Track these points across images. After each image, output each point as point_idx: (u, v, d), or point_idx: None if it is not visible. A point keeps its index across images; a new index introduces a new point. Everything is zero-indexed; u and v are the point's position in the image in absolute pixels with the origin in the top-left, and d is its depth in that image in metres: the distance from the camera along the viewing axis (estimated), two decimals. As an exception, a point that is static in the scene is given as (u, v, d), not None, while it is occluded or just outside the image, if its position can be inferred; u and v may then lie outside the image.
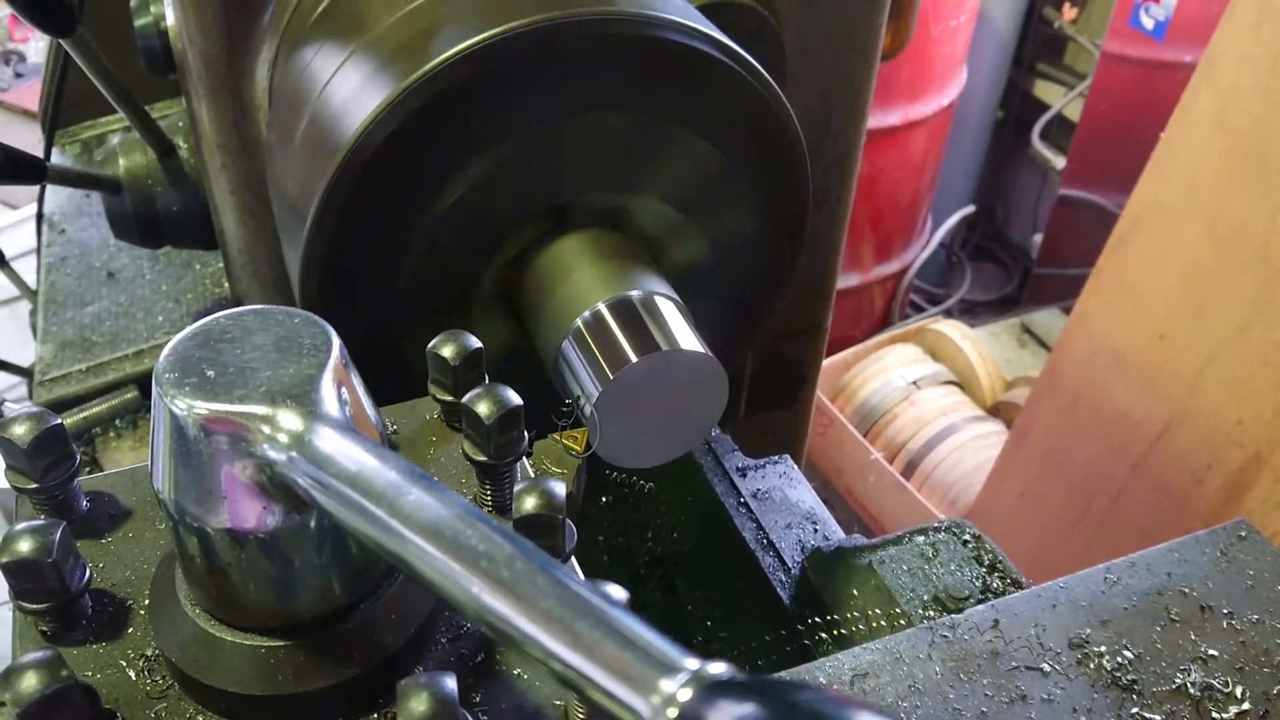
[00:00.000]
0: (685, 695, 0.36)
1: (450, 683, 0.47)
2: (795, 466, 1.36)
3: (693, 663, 0.37)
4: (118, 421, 1.63)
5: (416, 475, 0.45)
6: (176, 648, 0.54)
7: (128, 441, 1.61)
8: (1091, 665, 0.86)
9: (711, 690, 0.35)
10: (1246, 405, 2.13)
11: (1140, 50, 3.57)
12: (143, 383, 1.65)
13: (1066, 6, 4.14)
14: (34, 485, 0.60)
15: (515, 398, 0.62)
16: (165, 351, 0.51)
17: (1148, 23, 3.41)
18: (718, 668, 0.36)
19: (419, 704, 0.46)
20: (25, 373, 1.97)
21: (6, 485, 2.07)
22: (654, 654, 0.38)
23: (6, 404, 1.98)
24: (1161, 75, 3.52)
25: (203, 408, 0.48)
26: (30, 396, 1.84)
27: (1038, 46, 4.34)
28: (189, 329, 0.52)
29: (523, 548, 0.42)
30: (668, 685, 0.36)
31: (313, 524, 0.52)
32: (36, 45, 5.48)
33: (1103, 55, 3.71)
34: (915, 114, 3.68)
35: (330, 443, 0.47)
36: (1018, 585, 1.10)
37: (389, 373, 0.95)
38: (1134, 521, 2.44)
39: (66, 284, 1.87)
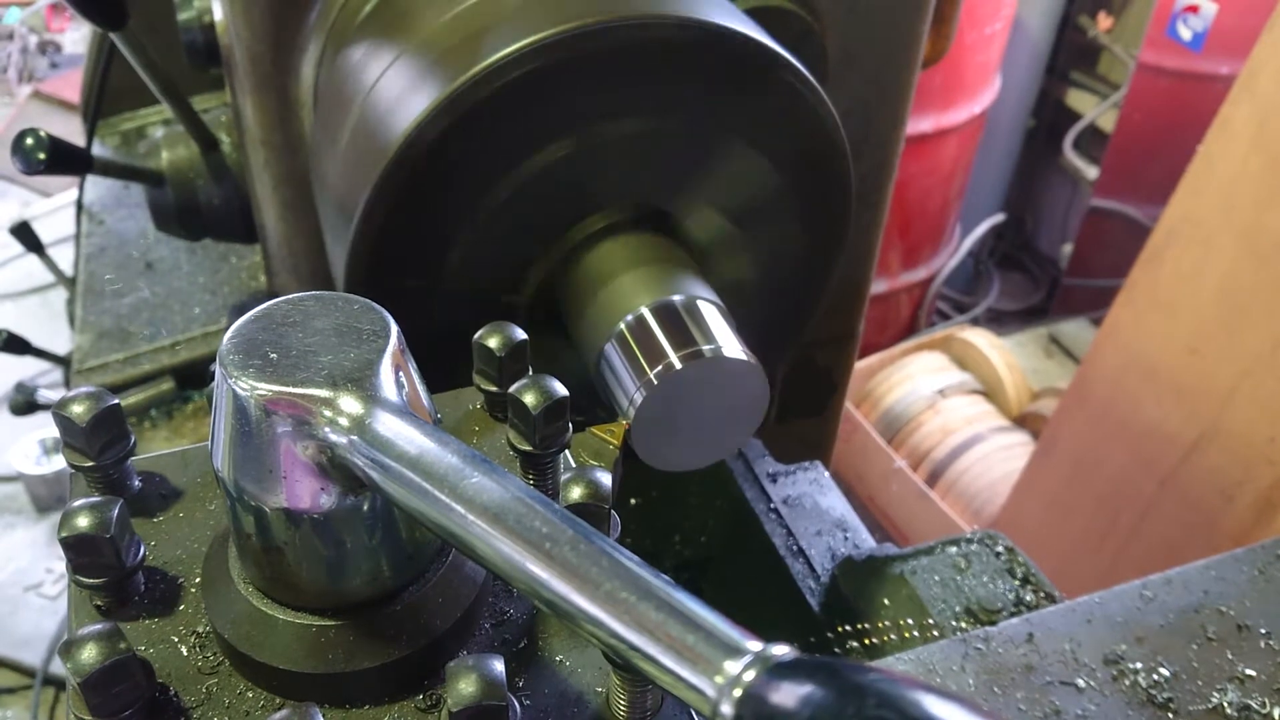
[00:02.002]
0: (750, 676, 0.36)
1: (498, 665, 0.48)
2: (826, 473, 1.36)
3: (756, 644, 0.38)
4: (153, 412, 1.65)
5: (477, 459, 0.46)
6: (229, 624, 0.55)
7: (162, 432, 1.63)
8: (1127, 682, 0.86)
9: (776, 671, 0.36)
10: (1279, 423, 2.11)
11: (1177, 61, 3.53)
12: (179, 374, 1.67)
13: (1102, 15, 4.10)
14: (90, 463, 0.61)
15: (561, 388, 0.62)
16: (229, 334, 0.52)
17: (1185, 34, 3.38)
18: (781, 649, 0.37)
19: (468, 685, 0.47)
20: (63, 361, 1.99)
21: (33, 472, 2.11)
22: (718, 636, 0.38)
23: (41, 391, 2.01)
24: (1198, 87, 3.49)
25: (265, 389, 0.49)
26: (67, 385, 1.86)
27: (1071, 55, 4.31)
28: (251, 312, 0.53)
29: (584, 531, 0.43)
30: (732, 666, 0.37)
31: (366, 507, 0.52)
32: (72, 36, 5.55)
33: (1139, 66, 3.68)
34: (947, 121, 3.67)
35: (390, 426, 0.48)
36: (1051, 599, 1.10)
37: (431, 370, 0.96)
38: (1162, 537, 2.42)
39: (105, 274, 1.89)
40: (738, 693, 0.36)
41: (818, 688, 0.33)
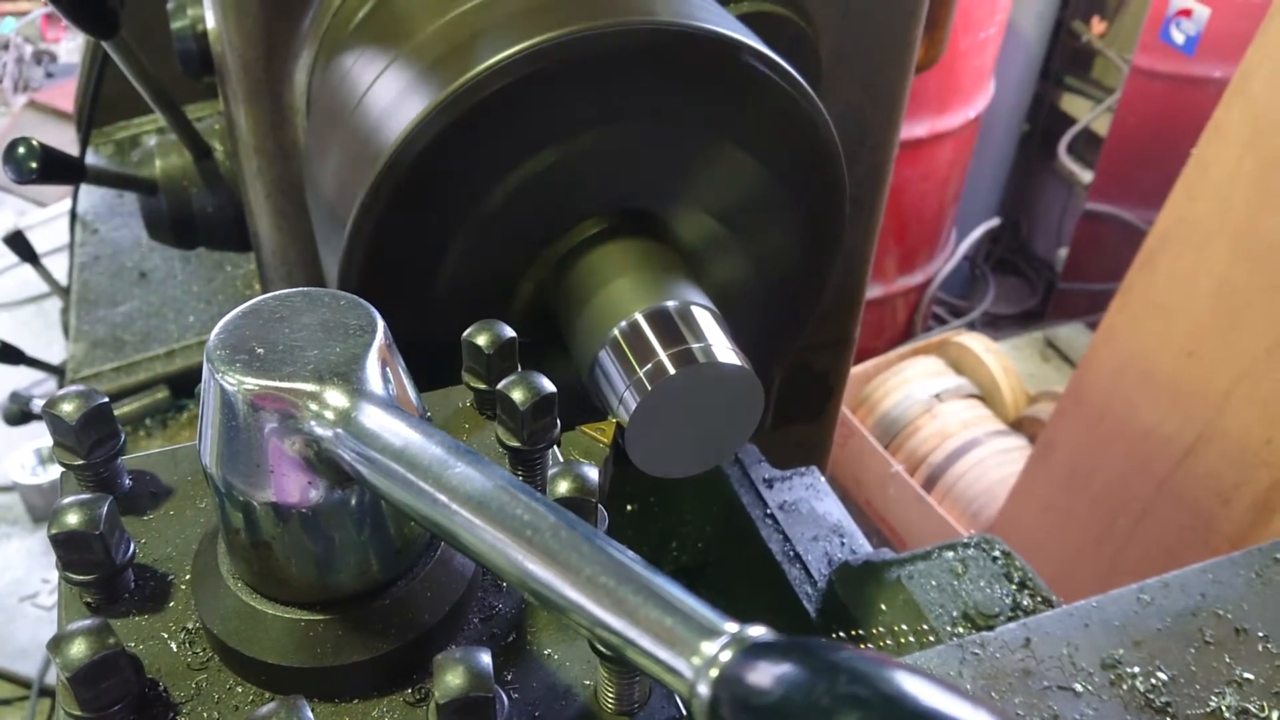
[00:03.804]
0: (726, 656, 0.37)
1: (485, 658, 0.48)
2: (822, 478, 1.36)
3: (733, 626, 0.38)
4: (148, 420, 1.65)
5: (461, 450, 0.47)
6: (218, 620, 0.55)
7: (157, 441, 1.63)
8: (1124, 686, 0.86)
9: (752, 651, 0.36)
10: (1276, 425, 2.11)
11: (1170, 65, 3.55)
12: (173, 382, 1.67)
13: (1095, 20, 4.12)
14: (80, 462, 0.61)
15: (549, 385, 0.63)
16: (216, 329, 0.52)
17: (1178, 37, 3.39)
18: (757, 630, 0.38)
19: (455, 677, 0.48)
20: (56, 370, 1.99)
21: (29, 481, 2.12)
22: (695, 618, 0.39)
23: (36, 401, 2.00)
24: (1192, 91, 3.50)
25: (252, 384, 0.50)
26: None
27: (1065, 60, 4.33)
28: (239, 309, 0.54)
29: (565, 518, 0.43)
30: (709, 647, 0.38)
31: (354, 501, 0.53)
32: (67, 45, 5.56)
33: (1132, 70, 3.69)
34: (942, 126, 3.68)
35: (376, 419, 0.48)
36: (1048, 603, 1.09)
37: (423, 374, 0.96)
38: (1159, 541, 2.42)
39: (99, 283, 1.90)
40: (714, 673, 0.37)
41: (792, 666, 0.34)
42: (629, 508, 1.42)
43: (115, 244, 2.00)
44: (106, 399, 0.60)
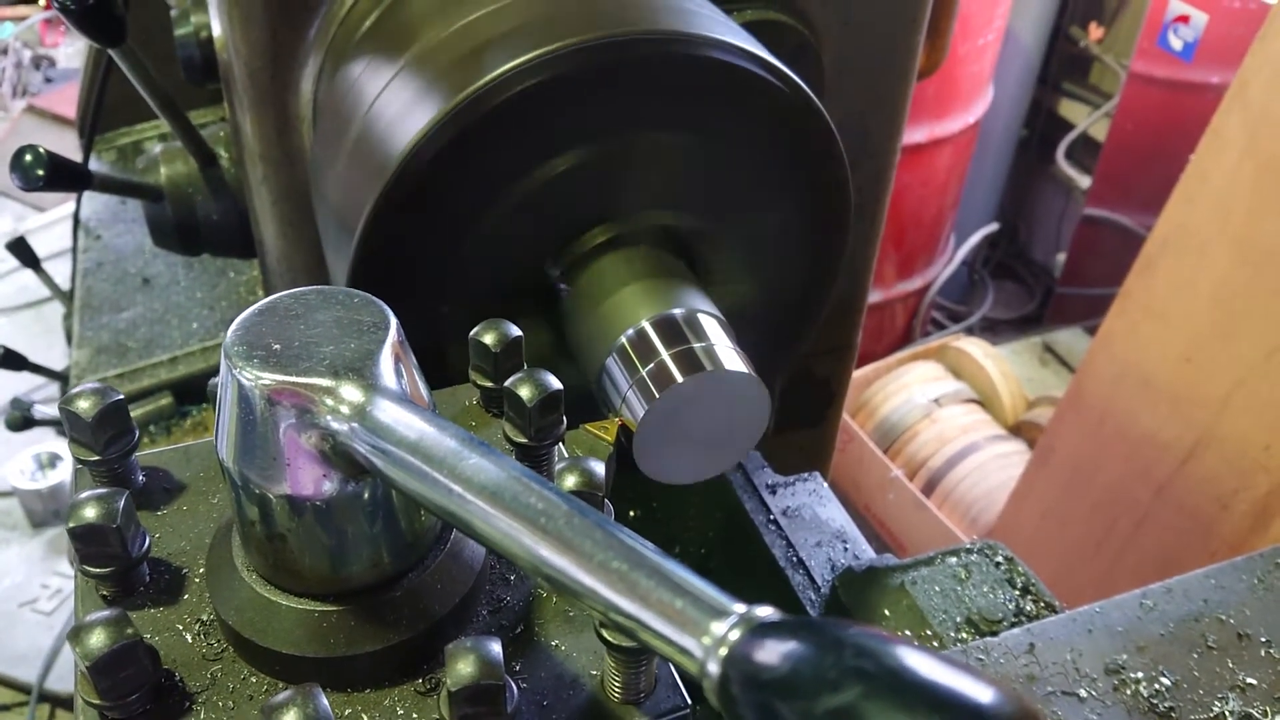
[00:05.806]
0: (735, 635, 0.38)
1: (496, 647, 0.49)
2: (825, 484, 1.36)
3: (741, 607, 0.40)
4: (151, 427, 1.65)
5: (474, 442, 0.48)
6: (233, 611, 0.56)
7: (160, 447, 1.63)
8: (1128, 692, 0.86)
9: (760, 630, 0.38)
10: (1275, 431, 2.11)
11: (1168, 71, 3.57)
12: (177, 388, 1.67)
13: (1093, 26, 4.14)
14: (96, 457, 0.62)
15: (555, 382, 0.64)
16: (233, 326, 0.53)
17: (1176, 44, 3.41)
18: (765, 610, 0.39)
19: (466, 665, 0.49)
20: (59, 376, 2.00)
21: (28, 487, 2.11)
22: (705, 599, 0.40)
23: (37, 406, 2.01)
24: (1189, 96, 3.52)
25: (269, 379, 0.51)
26: (65, 400, 1.85)
27: (1063, 65, 4.34)
28: (255, 306, 0.55)
29: (578, 506, 0.45)
30: (718, 627, 0.39)
31: (367, 494, 0.54)
32: (67, 50, 5.56)
33: (1130, 75, 3.71)
34: (941, 131, 3.69)
35: (390, 413, 0.49)
36: (1051, 609, 1.09)
37: (431, 380, 0.96)
38: (1158, 546, 2.42)
39: (102, 289, 1.90)
40: (723, 652, 0.38)
41: (799, 643, 0.35)
42: (631, 513, 1.42)
43: (118, 250, 2.00)
44: (121, 396, 0.61)
